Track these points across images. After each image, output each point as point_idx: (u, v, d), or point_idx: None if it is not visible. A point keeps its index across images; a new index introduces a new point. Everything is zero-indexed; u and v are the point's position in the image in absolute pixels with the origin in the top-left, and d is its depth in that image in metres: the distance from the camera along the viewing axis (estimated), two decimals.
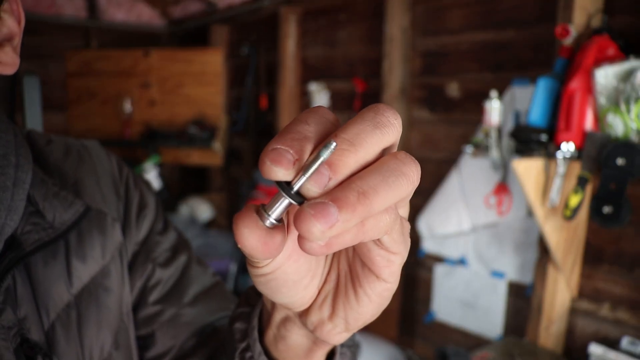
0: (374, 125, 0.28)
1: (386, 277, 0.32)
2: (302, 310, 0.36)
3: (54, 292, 0.55)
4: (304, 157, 0.28)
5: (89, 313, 0.57)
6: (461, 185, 2.18)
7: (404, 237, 0.30)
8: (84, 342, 0.56)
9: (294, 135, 0.28)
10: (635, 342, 1.59)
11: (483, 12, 2.09)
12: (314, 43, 2.94)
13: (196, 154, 3.40)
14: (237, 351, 0.44)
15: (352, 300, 0.34)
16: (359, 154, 0.28)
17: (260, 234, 0.28)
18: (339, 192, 0.26)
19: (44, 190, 0.57)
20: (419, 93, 2.37)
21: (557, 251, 1.68)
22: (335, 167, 0.27)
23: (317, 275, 0.35)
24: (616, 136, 1.42)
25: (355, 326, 0.35)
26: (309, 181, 0.27)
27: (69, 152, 0.64)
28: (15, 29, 0.51)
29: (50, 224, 0.55)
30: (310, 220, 0.25)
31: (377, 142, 0.28)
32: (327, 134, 0.29)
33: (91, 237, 0.60)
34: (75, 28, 3.69)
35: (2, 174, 0.52)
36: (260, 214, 0.29)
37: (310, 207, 0.26)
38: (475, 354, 1.80)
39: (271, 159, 0.27)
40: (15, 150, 0.54)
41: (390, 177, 0.27)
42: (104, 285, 0.60)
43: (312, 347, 0.40)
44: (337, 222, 0.26)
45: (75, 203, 0.58)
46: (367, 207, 0.26)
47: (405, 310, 2.47)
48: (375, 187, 0.27)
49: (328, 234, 0.26)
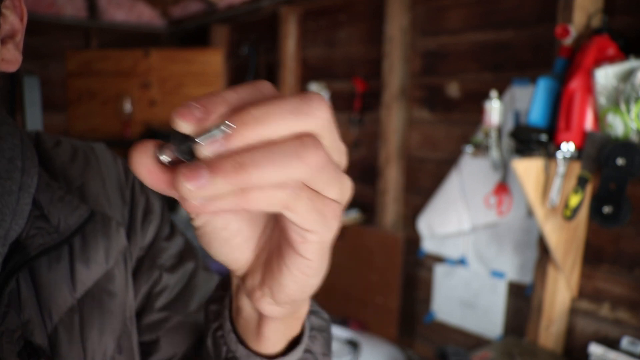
0: (291, 109, 0.29)
1: (303, 253, 0.32)
2: (242, 274, 0.38)
3: (57, 296, 0.55)
4: (211, 119, 0.29)
5: (92, 317, 0.57)
6: (461, 185, 2.18)
7: (319, 216, 0.31)
8: (87, 346, 0.56)
9: (214, 98, 0.29)
10: (635, 342, 1.59)
11: (483, 12, 2.09)
12: (314, 43, 2.94)
13: None
14: (210, 330, 0.46)
15: (276, 270, 0.35)
16: (262, 131, 0.28)
17: (148, 162, 0.30)
18: (218, 159, 0.28)
19: (49, 195, 0.57)
20: (419, 93, 2.38)
21: (557, 251, 1.68)
22: (230, 137, 0.28)
23: (251, 238, 0.37)
24: (616, 136, 1.42)
25: (280, 299, 0.36)
26: (202, 143, 0.28)
27: (75, 155, 0.64)
28: (17, 26, 0.51)
29: (55, 228, 0.56)
30: (180, 178, 0.27)
31: (287, 126, 0.29)
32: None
33: (95, 242, 0.60)
34: (75, 28, 3.69)
35: (8, 179, 0.52)
36: (157, 150, 0.30)
37: (186, 166, 0.28)
38: (475, 354, 1.80)
39: (179, 112, 0.29)
40: (22, 154, 0.54)
41: (279, 155, 0.28)
42: (107, 289, 0.60)
43: (260, 321, 0.41)
44: (206, 185, 0.27)
45: (80, 207, 0.58)
46: (242, 178, 0.27)
47: (405, 310, 2.47)
48: (258, 161, 0.28)
49: (197, 194, 0.27)
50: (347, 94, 2.71)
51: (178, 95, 3.48)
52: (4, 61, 0.50)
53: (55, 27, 3.57)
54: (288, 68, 3.02)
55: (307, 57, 3.00)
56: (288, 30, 2.99)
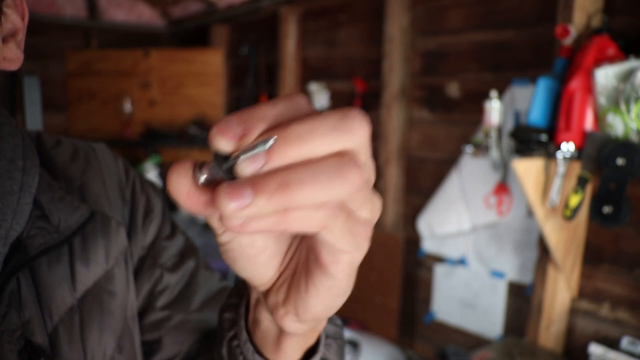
0: (332, 127, 0.28)
1: (333, 273, 0.32)
2: (265, 290, 0.38)
3: (57, 295, 0.55)
4: (251, 136, 0.28)
5: (92, 317, 0.58)
6: (461, 185, 2.18)
7: (353, 237, 0.30)
8: (87, 346, 0.56)
9: (252, 114, 0.29)
10: (635, 342, 1.59)
11: (483, 12, 2.09)
12: (314, 43, 2.94)
13: (196, 154, 3.40)
14: (225, 339, 0.45)
15: (302, 289, 0.34)
16: (303, 149, 0.28)
17: (187, 184, 0.29)
18: (262, 178, 0.27)
19: (50, 194, 0.57)
20: (419, 93, 2.38)
21: (557, 251, 1.68)
22: (272, 155, 0.27)
23: (276, 256, 0.36)
24: (616, 136, 1.42)
25: (304, 317, 0.35)
26: (243, 161, 0.27)
27: (76, 155, 0.65)
28: (19, 25, 0.51)
29: (56, 228, 0.56)
30: (223, 197, 0.26)
31: (328, 143, 0.28)
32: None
33: (95, 241, 0.60)
34: (75, 28, 3.69)
35: (9, 178, 0.52)
36: (195, 170, 0.29)
37: (229, 185, 0.27)
38: (475, 354, 1.80)
39: (218, 129, 0.28)
40: (23, 154, 0.55)
41: (322, 175, 0.27)
42: (107, 289, 0.60)
43: (280, 336, 0.41)
44: (250, 205, 0.26)
45: (80, 207, 0.58)
46: (286, 198, 0.27)
47: (405, 310, 2.48)
48: (302, 180, 0.27)
49: (240, 214, 0.27)
50: (347, 94, 2.71)
51: (178, 95, 3.48)
52: (6, 59, 0.50)
53: (55, 27, 3.57)
54: (288, 68, 3.02)
55: (307, 57, 3.00)
56: (288, 30, 2.99)
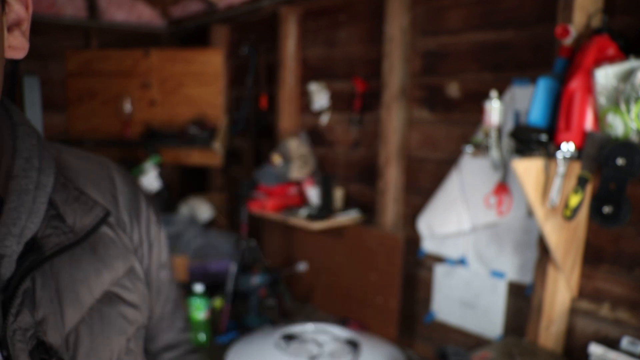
0: None
1: None
2: None
3: (74, 296, 0.56)
4: None
5: (106, 318, 0.58)
6: (461, 185, 2.18)
7: None
8: (99, 348, 0.57)
9: None
10: (635, 342, 1.59)
11: (483, 12, 2.09)
12: (314, 43, 2.94)
13: (196, 154, 3.40)
14: None
15: None
16: None
17: None
18: None
19: (65, 194, 0.57)
20: (419, 93, 2.38)
21: (557, 251, 1.68)
22: None
23: None
24: (616, 136, 1.42)
25: None
26: None
27: (90, 166, 0.68)
28: (23, 14, 0.52)
29: (71, 228, 0.56)
30: None
31: None
32: None
33: (110, 243, 0.61)
34: (75, 28, 3.69)
35: (25, 177, 0.53)
36: None
37: None
38: (475, 354, 1.80)
39: None
40: (39, 153, 0.55)
41: None
42: (120, 292, 0.61)
43: None
44: None
45: (95, 207, 0.59)
46: None
47: (405, 310, 2.47)
48: None
49: None
50: (347, 94, 2.71)
51: (178, 95, 3.48)
52: (11, 48, 0.51)
53: (55, 27, 3.57)
54: (288, 68, 3.02)
55: (307, 57, 3.00)
56: (288, 30, 2.98)
